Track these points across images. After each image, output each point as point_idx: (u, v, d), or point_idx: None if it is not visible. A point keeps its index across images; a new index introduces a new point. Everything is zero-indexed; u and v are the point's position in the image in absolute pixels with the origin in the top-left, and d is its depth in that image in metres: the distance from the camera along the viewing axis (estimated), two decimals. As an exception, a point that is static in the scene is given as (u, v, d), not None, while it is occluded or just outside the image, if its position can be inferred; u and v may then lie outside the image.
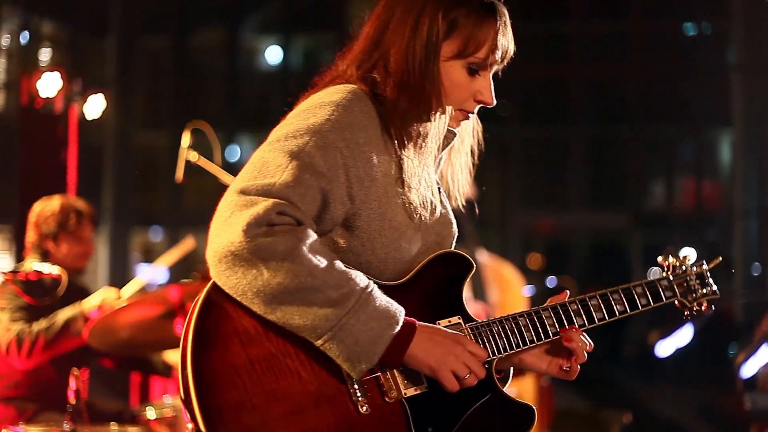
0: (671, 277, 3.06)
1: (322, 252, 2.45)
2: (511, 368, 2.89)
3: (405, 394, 2.58)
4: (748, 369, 6.94)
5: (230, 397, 2.40)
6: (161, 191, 25.26)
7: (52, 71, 8.44)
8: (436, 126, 2.76)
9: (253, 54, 26.18)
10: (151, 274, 7.61)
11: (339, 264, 2.46)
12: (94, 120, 8.92)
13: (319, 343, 2.42)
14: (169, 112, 24.47)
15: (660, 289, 3.02)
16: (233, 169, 3.49)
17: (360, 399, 2.52)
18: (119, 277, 22.95)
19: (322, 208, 2.51)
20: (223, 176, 4.61)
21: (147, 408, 5.51)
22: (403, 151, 2.70)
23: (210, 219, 2.43)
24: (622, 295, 2.95)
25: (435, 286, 2.72)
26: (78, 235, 5.98)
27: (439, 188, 2.89)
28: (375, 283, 2.53)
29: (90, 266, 6.36)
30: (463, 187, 3.04)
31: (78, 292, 6.07)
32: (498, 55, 2.83)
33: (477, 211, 3.86)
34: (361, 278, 2.48)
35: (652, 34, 26.20)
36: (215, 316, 2.45)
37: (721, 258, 3.13)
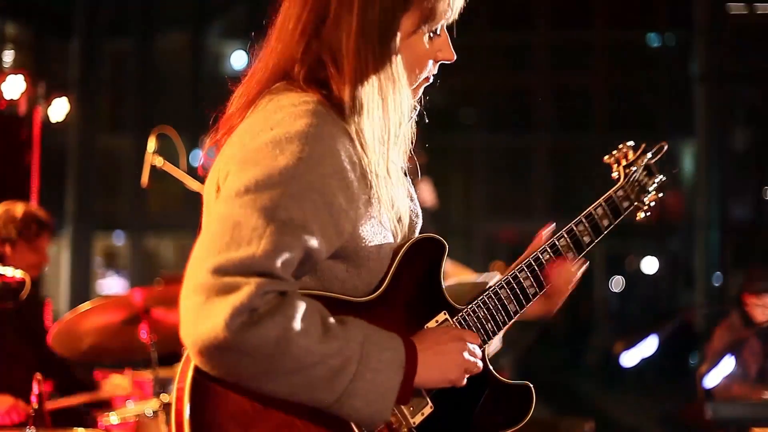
0: (625, 185, 2.89)
1: (312, 319, 2.18)
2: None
3: (414, 423, 2.42)
4: (710, 380, 7.00)
5: None
6: (124, 195, 25.12)
7: (15, 73, 8.39)
8: (406, 115, 2.43)
9: (219, 58, 26.13)
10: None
11: (331, 324, 2.22)
12: (57, 123, 8.88)
13: (328, 411, 2.23)
14: (133, 116, 24.36)
15: (617, 203, 2.87)
16: (197, 174, 3.42)
17: None
18: (81, 281, 22.83)
19: (304, 260, 2.22)
20: (189, 181, 4.59)
21: (110, 413, 5.48)
22: (375, 163, 2.36)
23: (173, 223, 2.26)
24: (587, 225, 2.79)
25: (413, 286, 2.48)
26: (35, 245, 5.94)
27: (406, 174, 2.58)
28: (355, 303, 2.35)
29: (52, 270, 6.33)
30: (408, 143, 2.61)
31: (31, 298, 6.04)
32: (456, 8, 2.46)
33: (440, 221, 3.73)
34: (355, 331, 2.25)
35: (616, 44, 26.37)
36: (208, 406, 2.22)
37: (666, 145, 2.99)
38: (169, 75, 25.84)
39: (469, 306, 2.57)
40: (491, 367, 2.61)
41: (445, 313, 2.52)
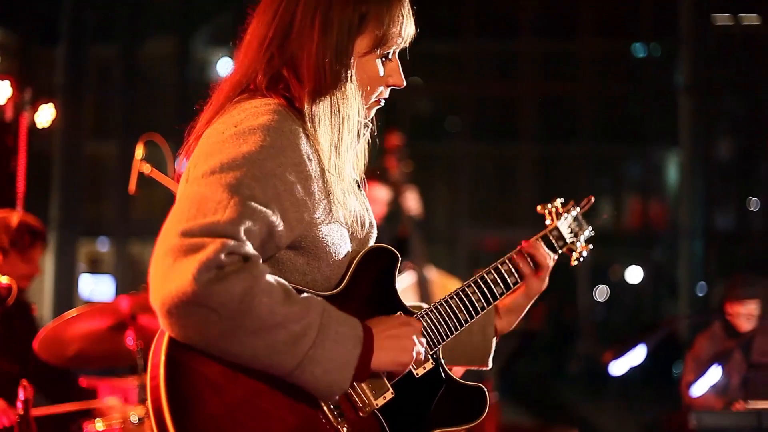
0: (558, 227, 3.18)
1: (276, 284, 2.32)
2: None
3: (376, 405, 2.57)
4: (697, 389, 7.03)
5: None
6: (109, 201, 25.07)
7: (1, 79, 8.37)
8: (355, 126, 2.65)
9: (205, 65, 26.10)
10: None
11: (293, 292, 2.36)
12: (43, 129, 8.86)
13: (289, 379, 2.34)
14: (119, 122, 24.31)
15: (553, 241, 3.15)
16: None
17: (340, 421, 2.49)
18: (65, 287, 22.77)
19: (267, 239, 2.37)
20: (176, 188, 4.60)
21: (95, 420, 5.47)
22: (328, 163, 2.57)
23: (157, 230, 2.32)
24: (526, 256, 3.04)
25: (370, 288, 2.67)
26: (28, 256, 5.92)
27: (358, 185, 2.79)
28: (316, 295, 2.46)
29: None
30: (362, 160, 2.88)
31: (20, 306, 6.03)
32: (408, 37, 2.71)
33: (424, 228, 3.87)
34: (315, 302, 2.38)
35: (601, 54, 26.41)
36: (183, 374, 2.31)
37: (593, 198, 3.33)
38: (155, 81, 25.79)
39: (422, 311, 2.79)
40: (446, 367, 2.81)
41: (400, 314, 2.70)
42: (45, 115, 8.65)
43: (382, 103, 2.76)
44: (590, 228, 3.30)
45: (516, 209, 26.47)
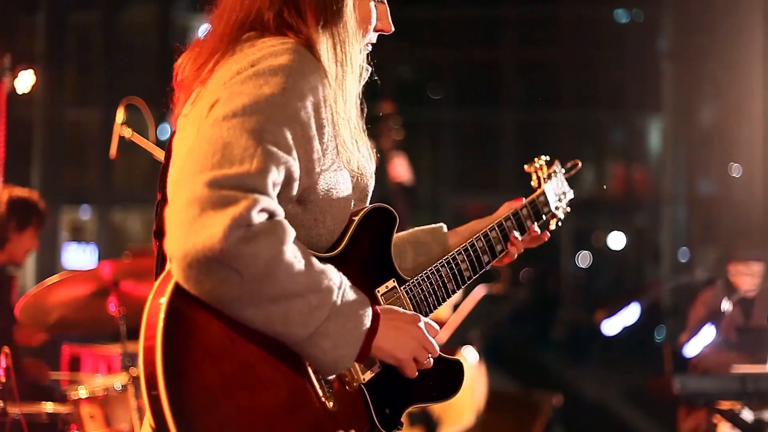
0: (546, 191, 3.22)
1: (299, 249, 2.26)
2: None
3: (363, 379, 2.53)
4: (691, 349, 7.02)
5: (209, 424, 2.21)
6: (91, 169, 24.96)
7: (-20, 46, 8.32)
8: (357, 66, 2.62)
9: (186, 31, 25.98)
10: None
11: (314, 260, 2.30)
12: (23, 95, 8.81)
13: (296, 348, 2.30)
14: (100, 89, 24.19)
15: (539, 207, 3.18)
16: (165, 146, 3.40)
17: (328, 395, 2.43)
18: (48, 256, 22.71)
19: (283, 188, 2.29)
20: (157, 153, 4.56)
21: (78, 387, 5.46)
22: (338, 107, 2.51)
23: (139, 198, 2.24)
24: (514, 222, 3.06)
25: (366, 251, 2.62)
26: (36, 233, 5.96)
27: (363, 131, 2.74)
28: (318, 257, 2.38)
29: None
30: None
31: (5, 279, 6.01)
32: None
33: (416, 195, 3.84)
34: (334, 274, 2.33)
35: (584, 19, 26.36)
36: (182, 332, 2.22)
37: (580, 163, 3.39)
38: (136, 48, 25.66)
39: (415, 279, 2.76)
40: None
41: (394, 281, 2.69)
42: (25, 81, 8.58)
43: (370, 48, 2.72)
44: (572, 191, 3.33)
45: (499, 175, 26.49)
